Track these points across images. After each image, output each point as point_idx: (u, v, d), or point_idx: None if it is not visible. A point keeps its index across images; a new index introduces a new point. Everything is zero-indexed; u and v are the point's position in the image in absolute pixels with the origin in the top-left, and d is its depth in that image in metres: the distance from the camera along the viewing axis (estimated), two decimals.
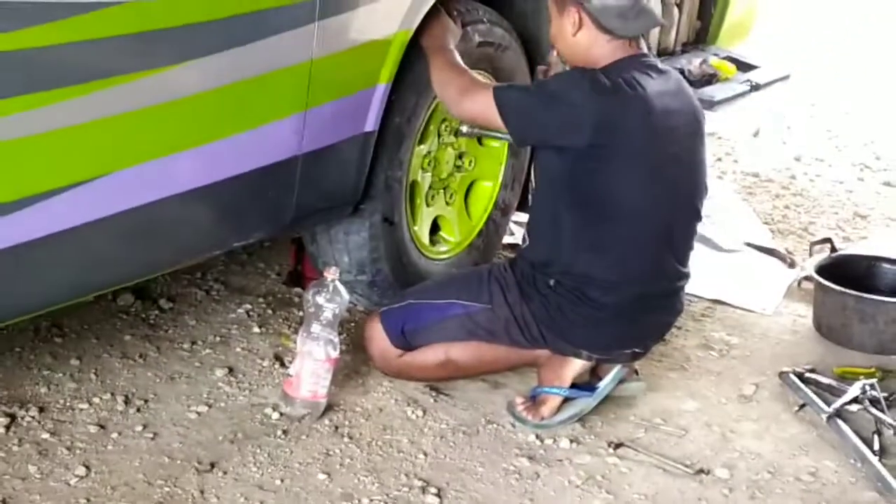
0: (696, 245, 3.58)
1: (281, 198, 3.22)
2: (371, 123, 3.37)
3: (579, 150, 3.20)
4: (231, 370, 3.44)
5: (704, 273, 4.21)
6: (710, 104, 4.50)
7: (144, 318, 3.69)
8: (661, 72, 3.32)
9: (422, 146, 3.72)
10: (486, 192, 4.06)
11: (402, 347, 3.45)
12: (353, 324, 3.83)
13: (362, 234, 3.60)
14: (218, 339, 3.62)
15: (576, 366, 3.42)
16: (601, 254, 3.29)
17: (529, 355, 3.47)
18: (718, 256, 4.78)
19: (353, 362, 3.58)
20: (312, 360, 3.21)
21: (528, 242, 3.46)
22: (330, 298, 3.24)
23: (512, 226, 4.62)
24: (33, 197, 2.58)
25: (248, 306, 3.85)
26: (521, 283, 3.38)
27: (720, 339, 4.12)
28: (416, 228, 3.79)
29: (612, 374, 3.45)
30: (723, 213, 5.19)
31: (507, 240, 4.45)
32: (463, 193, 4.00)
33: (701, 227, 3.68)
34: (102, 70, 2.63)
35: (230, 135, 2.99)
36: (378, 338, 3.46)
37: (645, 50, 3.37)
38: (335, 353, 3.26)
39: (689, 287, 3.61)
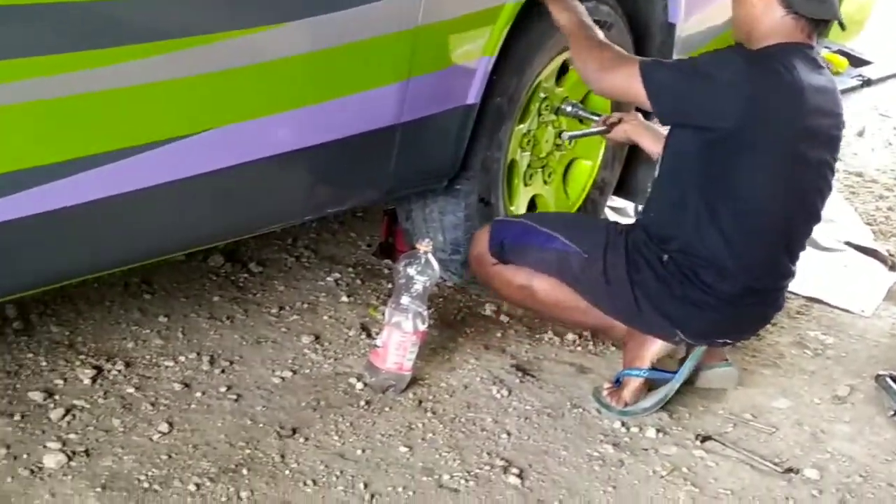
0: None
1: (378, 166, 3.18)
2: (473, 96, 3.32)
3: (722, 133, 3.10)
4: (317, 337, 3.41)
5: (803, 270, 4.09)
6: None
7: (234, 280, 3.67)
8: (820, 68, 3.19)
9: (521, 125, 3.66)
10: (586, 171, 4.00)
11: (497, 258, 3.43)
12: (442, 299, 3.79)
13: (458, 213, 3.56)
14: (306, 305, 3.60)
15: (657, 347, 3.34)
16: (724, 241, 3.19)
17: (606, 322, 3.41)
18: (818, 254, 4.67)
19: (441, 338, 3.54)
20: (400, 332, 3.17)
21: (649, 214, 3.38)
22: (421, 271, 3.20)
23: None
24: (133, 148, 2.56)
25: (338, 275, 3.82)
26: (631, 249, 3.29)
27: (815, 338, 4.02)
28: (512, 208, 3.74)
29: (695, 353, 3.37)
30: (826, 210, 5.05)
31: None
32: (561, 172, 3.95)
33: None
34: (206, 26, 2.60)
35: (331, 99, 2.96)
36: (481, 241, 3.45)
37: (814, 44, 3.21)
38: (423, 327, 3.21)
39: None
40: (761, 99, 3.07)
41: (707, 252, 3.20)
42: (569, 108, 3.77)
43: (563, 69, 3.77)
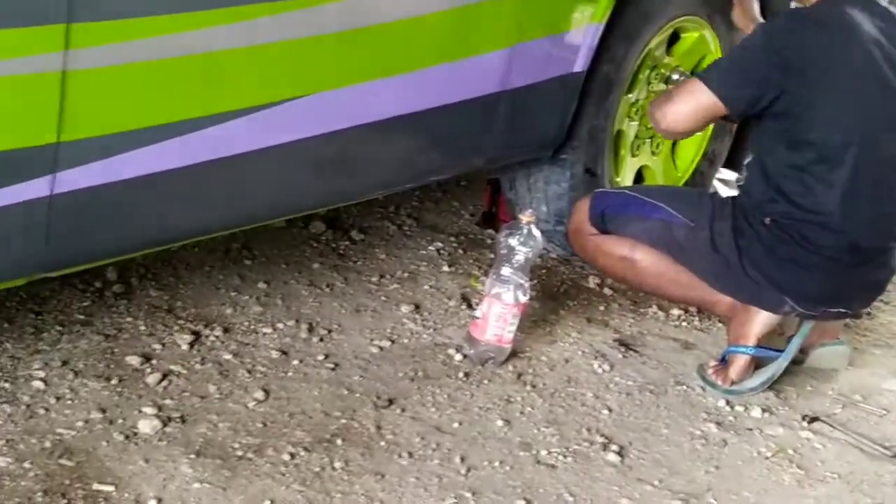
0: None
1: (483, 134, 3.13)
2: (580, 64, 3.25)
3: (782, 97, 3.03)
4: (417, 307, 3.38)
5: None
6: None
7: (335, 247, 3.65)
8: (891, 17, 3.10)
9: (630, 95, 3.58)
10: (695, 141, 3.90)
11: (597, 228, 3.35)
12: (544, 270, 3.73)
13: (562, 184, 3.50)
14: (406, 274, 3.56)
15: (763, 320, 3.23)
16: (823, 193, 3.09)
17: (710, 297, 3.30)
18: None
19: (542, 310, 3.48)
20: (500, 304, 3.12)
21: (748, 182, 3.29)
22: (524, 242, 3.14)
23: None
24: (241, 110, 2.53)
25: (439, 244, 3.78)
26: (737, 216, 3.20)
27: None
28: (618, 179, 3.66)
29: (803, 329, 3.28)
30: None
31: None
32: (670, 143, 3.85)
33: None
34: None
35: (436, 64, 2.91)
36: (581, 210, 3.37)
37: None
38: (524, 298, 3.16)
39: None
40: (798, 47, 3.02)
41: (808, 207, 3.11)
42: (678, 77, 3.68)
43: (674, 38, 3.68)
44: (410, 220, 3.92)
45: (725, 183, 4.44)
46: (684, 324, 3.58)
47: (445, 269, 3.63)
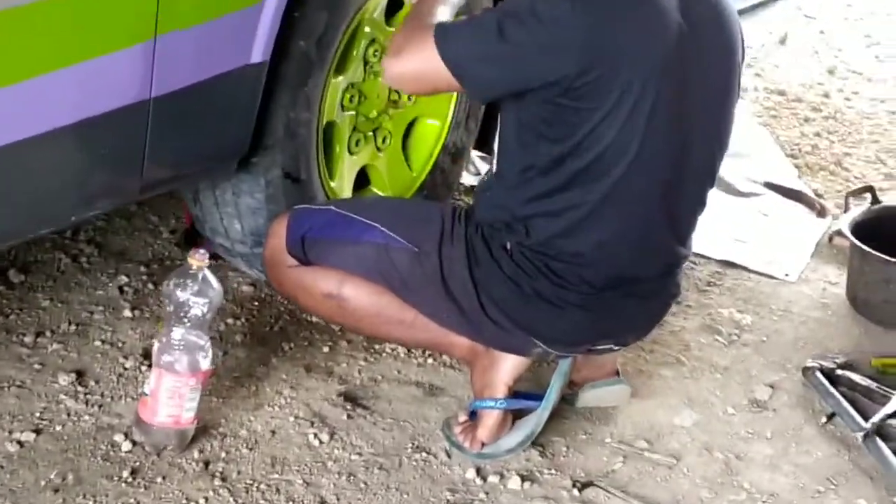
0: None
1: (126, 157, 2.37)
2: (260, 52, 2.49)
3: (560, 85, 2.30)
4: (80, 375, 2.64)
5: (714, 225, 3.35)
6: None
7: None
8: None
9: (340, 77, 2.83)
10: (432, 132, 3.17)
11: (296, 258, 2.60)
12: (256, 303, 2.99)
13: (256, 195, 2.74)
14: (73, 328, 2.79)
15: (512, 365, 2.58)
16: (575, 216, 2.42)
17: (444, 339, 2.61)
18: (732, 201, 3.92)
19: (248, 361, 2.77)
20: (173, 376, 2.39)
21: (489, 190, 2.59)
22: (198, 292, 2.40)
23: (477, 162, 3.77)
24: None
25: (125, 278, 3.01)
26: (472, 238, 2.50)
27: (729, 319, 3.27)
28: (333, 184, 2.92)
29: (561, 367, 2.62)
30: (740, 143, 4.29)
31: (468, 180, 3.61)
32: (400, 136, 3.12)
33: None
34: None
35: (43, 73, 2.13)
36: (276, 233, 2.62)
37: None
38: (206, 364, 2.43)
39: (694, 246, 2.72)
40: (603, 31, 2.30)
41: (549, 234, 2.44)
42: None
43: (396, 3, 2.95)
44: (91, 248, 3.13)
45: (485, 160, 3.71)
46: (430, 360, 2.89)
47: (126, 314, 2.87)
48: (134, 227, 3.27)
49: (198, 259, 2.40)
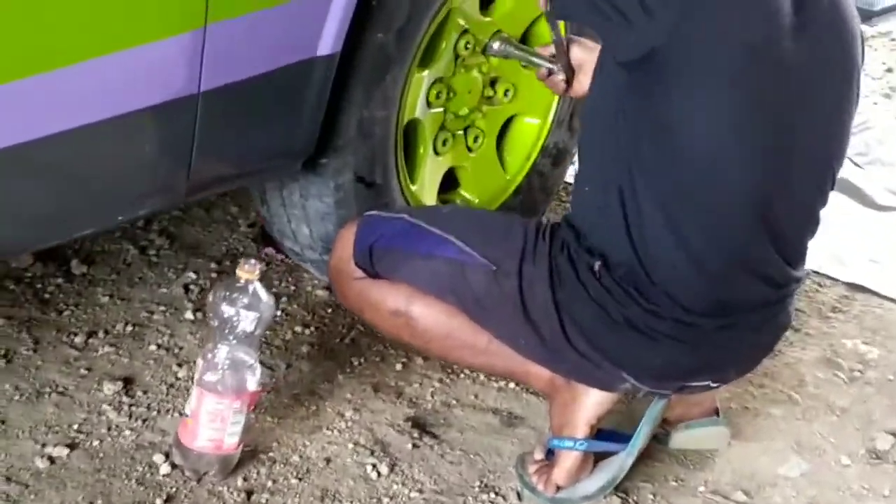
0: (840, 199, 2.64)
1: (173, 156, 2.16)
2: (329, 45, 2.25)
3: (649, 50, 2.03)
4: (128, 383, 2.44)
5: (846, 242, 3.03)
6: (868, 14, 3.24)
7: (39, 288, 2.68)
8: None
9: (425, 71, 2.58)
10: (531, 132, 2.90)
11: (363, 269, 2.35)
12: (329, 310, 2.76)
13: (326, 199, 2.51)
14: (130, 328, 2.61)
15: (595, 402, 2.31)
16: (670, 232, 2.13)
17: (521, 367, 2.35)
18: (868, 216, 3.57)
19: (311, 377, 2.55)
20: (215, 398, 2.17)
21: (576, 204, 2.33)
22: (248, 306, 2.18)
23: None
24: None
25: (193, 275, 2.82)
26: (556, 257, 2.23)
27: (853, 352, 2.96)
28: (414, 188, 2.67)
29: (652, 408, 2.34)
30: (881, 149, 3.95)
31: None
32: (494, 136, 2.86)
33: (849, 173, 2.45)
34: None
35: (81, 60, 1.92)
36: (344, 242, 2.37)
37: None
38: (254, 385, 2.21)
39: (821, 265, 2.41)
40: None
41: (650, 252, 2.15)
42: (497, 46, 2.69)
43: None
44: (162, 239, 2.94)
45: None
46: (512, 386, 2.63)
47: (188, 315, 2.67)
48: (212, 217, 3.07)
49: (247, 271, 2.17)
